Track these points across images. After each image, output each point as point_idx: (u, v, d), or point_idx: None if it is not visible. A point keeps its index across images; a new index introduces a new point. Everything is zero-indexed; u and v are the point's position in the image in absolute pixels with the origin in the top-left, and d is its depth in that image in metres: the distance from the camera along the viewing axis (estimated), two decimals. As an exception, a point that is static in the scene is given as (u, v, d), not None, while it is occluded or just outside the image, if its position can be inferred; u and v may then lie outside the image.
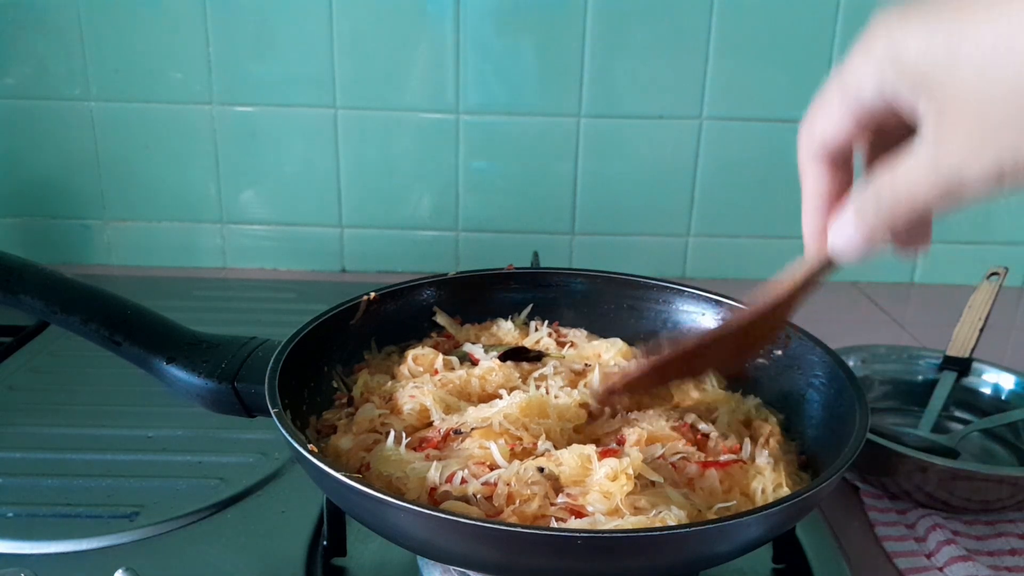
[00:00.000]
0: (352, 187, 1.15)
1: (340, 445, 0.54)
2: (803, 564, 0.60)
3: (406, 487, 0.49)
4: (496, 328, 0.70)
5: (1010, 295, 1.11)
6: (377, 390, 0.60)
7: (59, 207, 1.17)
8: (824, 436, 0.56)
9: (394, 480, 0.50)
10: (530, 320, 0.71)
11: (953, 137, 0.34)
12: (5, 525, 0.62)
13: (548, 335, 0.69)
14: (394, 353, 0.67)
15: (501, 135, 1.12)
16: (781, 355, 0.63)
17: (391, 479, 0.50)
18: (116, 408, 0.78)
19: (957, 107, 0.34)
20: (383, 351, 0.67)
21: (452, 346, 0.68)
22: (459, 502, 0.48)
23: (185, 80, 1.10)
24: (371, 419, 0.56)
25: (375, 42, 1.08)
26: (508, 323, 0.70)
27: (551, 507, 0.47)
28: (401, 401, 0.57)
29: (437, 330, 0.69)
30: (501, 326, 0.70)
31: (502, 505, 0.47)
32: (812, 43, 1.08)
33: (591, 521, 0.46)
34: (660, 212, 1.16)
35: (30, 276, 0.58)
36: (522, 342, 0.68)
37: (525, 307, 0.72)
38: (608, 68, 1.09)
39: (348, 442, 0.54)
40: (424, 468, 0.49)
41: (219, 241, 1.18)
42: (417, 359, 0.63)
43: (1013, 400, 0.79)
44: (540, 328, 0.70)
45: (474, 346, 0.66)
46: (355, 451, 0.54)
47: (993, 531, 0.66)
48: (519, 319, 0.71)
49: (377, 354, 0.66)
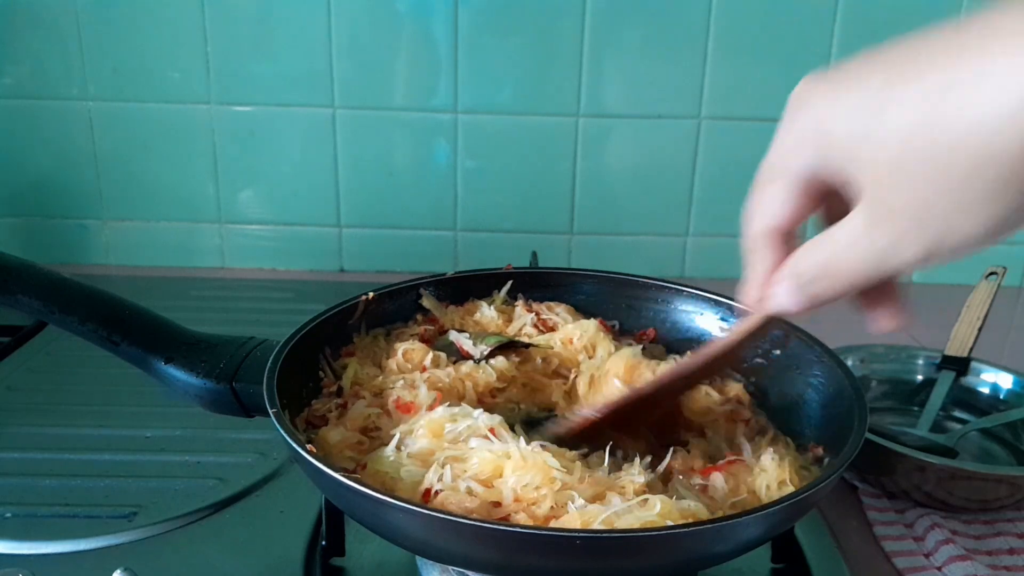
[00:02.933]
0: (350, 187, 1.15)
1: (330, 438, 0.54)
2: (802, 564, 0.60)
3: (399, 487, 0.49)
4: (480, 314, 0.69)
5: (1008, 294, 1.11)
6: (367, 384, 0.60)
7: (57, 207, 1.16)
8: (823, 436, 0.56)
9: (387, 480, 0.50)
10: (510, 298, 0.71)
11: (884, 221, 0.34)
12: (3, 525, 0.62)
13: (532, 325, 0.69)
14: (380, 336, 0.66)
15: (499, 135, 1.12)
16: (780, 355, 0.63)
17: (385, 478, 0.50)
18: (114, 408, 0.78)
19: (887, 187, 0.33)
20: (370, 333, 0.66)
21: (438, 330, 0.68)
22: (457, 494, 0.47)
23: (183, 80, 1.10)
24: (365, 417, 0.56)
25: (373, 42, 1.08)
26: (490, 310, 0.69)
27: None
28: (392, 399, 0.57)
29: (423, 312, 0.69)
30: (484, 312, 0.69)
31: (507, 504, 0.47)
32: (810, 43, 1.08)
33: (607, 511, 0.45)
34: (659, 212, 1.16)
35: (28, 276, 0.58)
36: (506, 330, 0.68)
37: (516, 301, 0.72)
38: (606, 67, 1.09)
39: (338, 435, 0.54)
40: (419, 473, 0.49)
41: (217, 241, 1.18)
42: (407, 354, 0.63)
43: (1011, 399, 0.79)
44: (524, 315, 0.69)
45: (461, 335, 0.66)
46: (344, 446, 0.54)
47: (991, 530, 0.66)
48: (500, 297, 0.71)
49: (365, 336, 0.66)
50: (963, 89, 0.30)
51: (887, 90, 0.32)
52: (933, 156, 0.31)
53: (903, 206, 0.33)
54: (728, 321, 0.67)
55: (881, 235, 0.34)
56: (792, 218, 0.40)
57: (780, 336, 0.63)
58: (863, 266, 0.36)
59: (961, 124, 0.30)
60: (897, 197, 0.33)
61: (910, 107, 0.31)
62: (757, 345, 0.60)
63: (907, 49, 0.33)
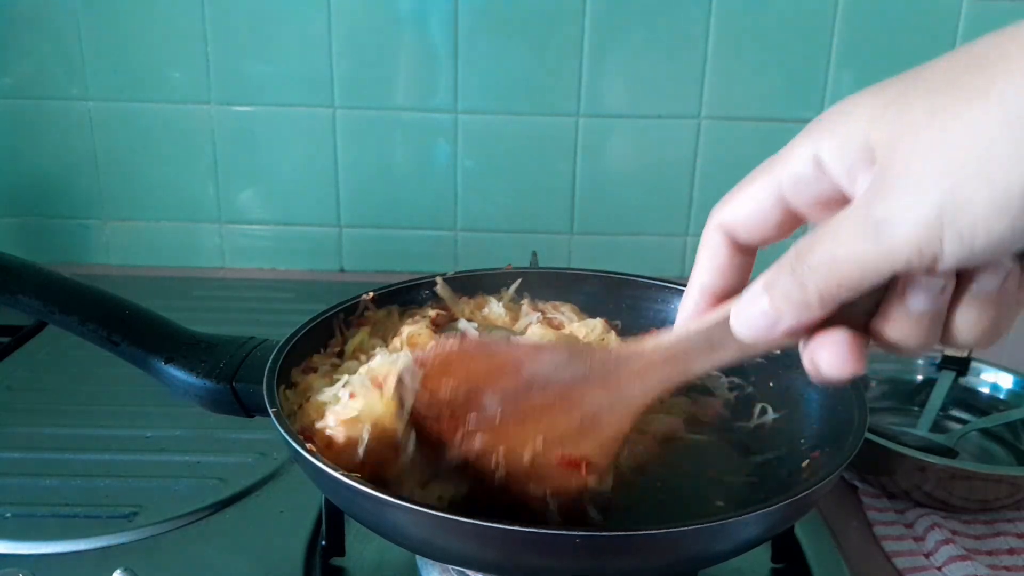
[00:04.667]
0: (350, 187, 1.15)
1: (315, 385, 0.55)
2: (802, 563, 0.60)
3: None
4: (488, 310, 0.70)
5: (1008, 294, 1.11)
6: (369, 352, 0.61)
7: (57, 207, 1.16)
8: (823, 435, 0.56)
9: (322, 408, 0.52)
10: (518, 297, 0.72)
11: (891, 190, 0.30)
12: (3, 525, 0.62)
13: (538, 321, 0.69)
14: (395, 312, 0.67)
15: (499, 135, 1.12)
16: (780, 354, 0.63)
17: (322, 408, 0.52)
18: (114, 408, 0.78)
19: (901, 164, 0.30)
20: (384, 309, 0.67)
21: (448, 319, 0.68)
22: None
23: (183, 80, 1.10)
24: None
25: (373, 42, 1.08)
26: (498, 306, 0.70)
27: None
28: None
29: (436, 300, 0.69)
30: (492, 308, 0.70)
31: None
32: (811, 43, 1.08)
33: None
34: (659, 212, 1.16)
35: (28, 276, 0.58)
36: (513, 327, 0.68)
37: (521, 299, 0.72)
38: (606, 68, 1.09)
39: (321, 384, 0.55)
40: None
41: (217, 241, 1.18)
42: (411, 338, 0.63)
43: (1011, 399, 0.79)
44: (530, 313, 0.70)
45: (469, 324, 0.66)
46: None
47: (991, 530, 0.66)
48: (507, 294, 0.71)
49: (378, 311, 0.66)
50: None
51: (932, 108, 0.29)
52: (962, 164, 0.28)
53: (904, 171, 0.29)
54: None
55: (879, 204, 0.30)
56: (756, 214, 0.37)
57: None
58: (861, 247, 0.31)
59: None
60: (902, 165, 0.29)
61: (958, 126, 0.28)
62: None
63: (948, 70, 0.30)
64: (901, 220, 0.29)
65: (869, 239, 0.30)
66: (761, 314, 0.34)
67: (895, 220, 0.30)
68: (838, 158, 0.32)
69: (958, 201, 0.28)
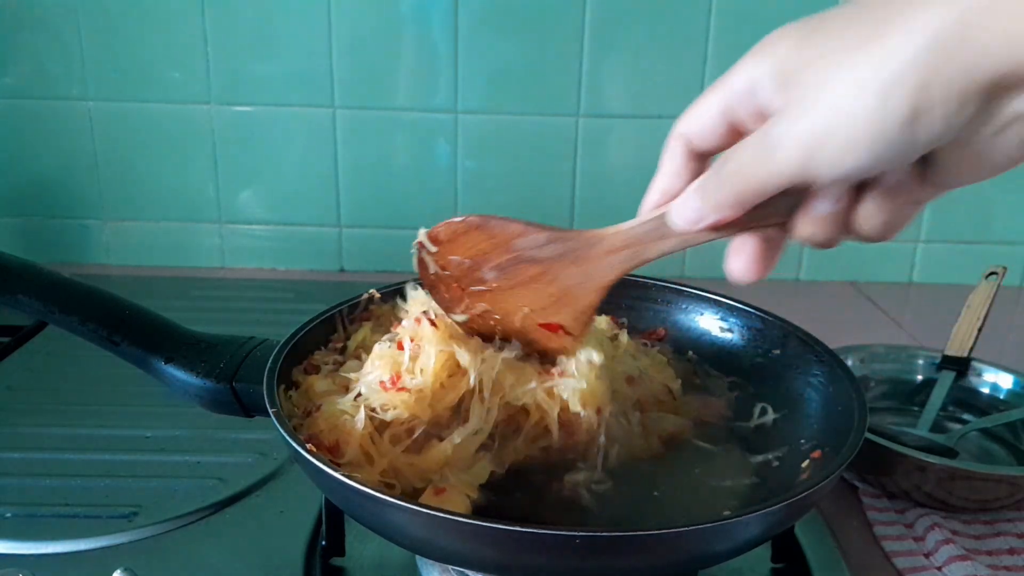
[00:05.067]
0: (351, 187, 1.15)
1: (316, 386, 0.55)
2: (802, 563, 0.60)
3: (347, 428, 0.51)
4: None
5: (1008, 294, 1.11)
6: (371, 349, 0.60)
7: (57, 207, 1.16)
8: (823, 435, 0.56)
9: (338, 423, 0.51)
10: None
11: (783, 116, 0.35)
12: (3, 525, 0.62)
13: None
14: (399, 305, 0.66)
15: (499, 134, 1.12)
16: (779, 355, 0.63)
17: (337, 421, 0.51)
18: (114, 408, 0.78)
19: (797, 93, 0.34)
20: (388, 303, 0.67)
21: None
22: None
23: (183, 80, 1.10)
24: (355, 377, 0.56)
25: (373, 41, 1.08)
26: None
27: None
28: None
29: None
30: None
31: None
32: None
33: None
34: (659, 212, 1.16)
35: (28, 276, 0.58)
36: None
37: None
38: (606, 68, 1.09)
39: (324, 386, 0.55)
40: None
41: (217, 241, 1.18)
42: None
43: (1011, 399, 0.79)
44: None
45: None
46: (326, 396, 0.54)
47: (991, 530, 0.66)
48: None
49: (383, 305, 0.66)
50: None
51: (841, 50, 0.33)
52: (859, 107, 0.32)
53: (798, 100, 0.34)
54: (727, 321, 0.67)
55: (774, 127, 0.35)
56: (706, 125, 0.41)
57: (780, 336, 0.63)
58: (759, 162, 0.36)
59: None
60: (797, 95, 0.34)
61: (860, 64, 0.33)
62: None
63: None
64: (784, 143, 0.35)
65: (762, 156, 0.36)
66: (691, 209, 0.41)
67: (781, 142, 0.35)
68: (763, 82, 0.37)
69: (829, 131, 0.33)
